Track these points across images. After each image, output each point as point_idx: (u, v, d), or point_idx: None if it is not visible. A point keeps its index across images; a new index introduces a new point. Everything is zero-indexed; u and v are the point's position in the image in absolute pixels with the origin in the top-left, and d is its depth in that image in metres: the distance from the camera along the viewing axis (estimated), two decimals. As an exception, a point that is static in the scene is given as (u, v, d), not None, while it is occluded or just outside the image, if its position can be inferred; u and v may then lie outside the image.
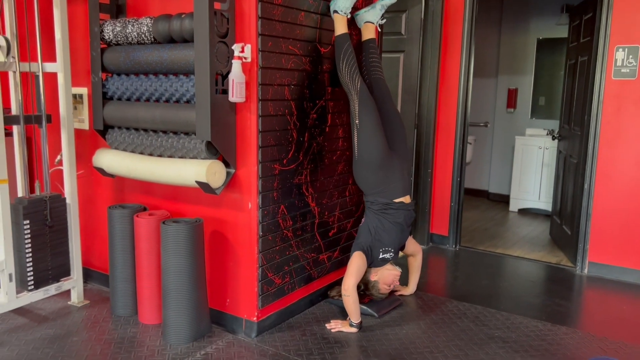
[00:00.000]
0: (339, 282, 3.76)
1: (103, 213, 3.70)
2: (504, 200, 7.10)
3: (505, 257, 4.83)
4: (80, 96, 3.72)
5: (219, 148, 2.88)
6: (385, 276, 3.45)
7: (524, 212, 6.63)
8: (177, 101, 3.04)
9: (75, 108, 3.78)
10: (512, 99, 6.99)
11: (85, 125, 3.74)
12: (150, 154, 3.21)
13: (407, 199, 3.39)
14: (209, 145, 2.95)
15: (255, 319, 3.10)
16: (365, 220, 3.41)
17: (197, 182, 2.91)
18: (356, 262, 3.25)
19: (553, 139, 5.44)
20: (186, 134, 3.05)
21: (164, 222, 3.01)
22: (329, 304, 3.62)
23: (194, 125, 2.91)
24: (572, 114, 4.89)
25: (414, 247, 3.76)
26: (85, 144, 3.73)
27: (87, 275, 3.91)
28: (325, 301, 3.65)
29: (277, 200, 3.10)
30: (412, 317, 3.45)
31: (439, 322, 3.39)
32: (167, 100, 3.08)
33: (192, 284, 2.99)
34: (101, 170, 3.39)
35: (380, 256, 3.37)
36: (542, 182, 6.46)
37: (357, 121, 3.24)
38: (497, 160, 7.22)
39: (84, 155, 3.73)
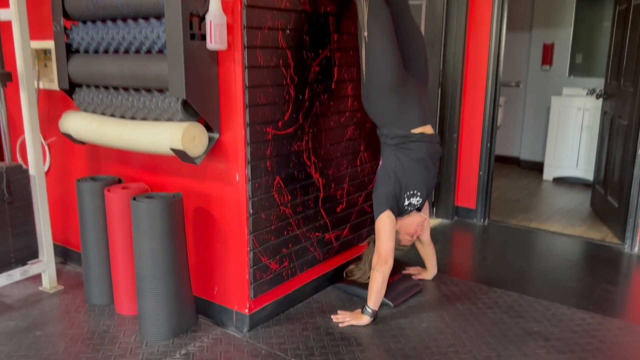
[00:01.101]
0: (347, 265, 3.25)
1: (78, 186, 3.23)
2: (537, 168, 6.47)
3: (540, 232, 4.26)
4: (50, 52, 3.22)
5: (197, 108, 2.36)
6: (408, 224, 2.90)
7: (559, 181, 6.00)
8: (149, 51, 2.51)
9: (45, 65, 3.29)
10: (547, 55, 6.28)
11: (56, 86, 3.23)
12: (122, 116, 2.70)
13: (428, 129, 2.81)
14: (187, 104, 2.42)
15: (246, 311, 2.62)
16: (382, 163, 2.84)
17: (172, 149, 2.41)
18: (387, 226, 2.73)
19: (597, 98, 4.78)
20: (160, 91, 2.53)
21: (134, 198, 2.52)
22: (337, 289, 3.13)
23: (167, 80, 2.38)
24: (622, 68, 4.22)
25: (426, 233, 3.19)
26: (57, 107, 3.24)
27: (66, 255, 3.48)
28: (332, 287, 3.16)
29: (271, 171, 2.58)
30: (433, 307, 2.94)
31: (466, 314, 2.87)
32: (137, 51, 2.55)
33: (170, 270, 2.52)
34: (69, 137, 2.91)
35: (406, 202, 2.82)
36: (581, 148, 5.81)
37: (365, 34, 2.65)
38: (530, 124, 6.56)
39: (56, 119, 3.24)
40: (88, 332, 2.63)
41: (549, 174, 6.07)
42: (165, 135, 2.42)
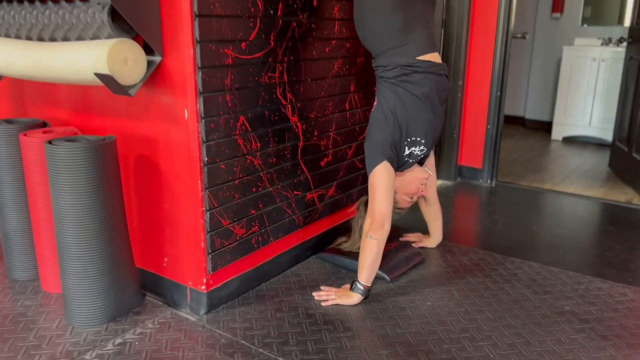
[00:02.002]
0: (336, 232, 2.68)
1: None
2: (543, 127, 5.91)
3: (556, 194, 3.71)
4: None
5: (128, 17, 1.74)
6: (408, 182, 2.32)
7: (570, 140, 5.44)
8: (66, -55, 1.88)
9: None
10: (558, 1, 5.63)
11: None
12: (40, 38, 2.08)
13: (436, 57, 2.21)
14: (116, 15, 1.80)
15: (203, 287, 2.05)
16: (377, 102, 2.24)
17: (96, 74, 1.79)
18: (382, 181, 2.14)
19: (620, 43, 4.18)
20: (85, 0, 1.90)
21: (50, 142, 1.91)
22: (321, 260, 2.56)
23: (88, -19, 1.76)
24: (654, 3, 3.62)
25: (431, 187, 2.61)
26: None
27: (-6, 221, 2.87)
28: (315, 257, 2.59)
29: (232, 107, 1.98)
30: (439, 281, 2.39)
31: (480, 289, 2.32)
32: (52, -53, 1.92)
33: (102, 236, 1.93)
34: (-22, 69, 2.28)
35: (406, 152, 2.23)
36: (595, 104, 5.23)
37: None
38: (537, 80, 5.96)
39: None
40: (0, 315, 2.05)
41: (558, 133, 5.50)
42: (88, 56, 1.80)
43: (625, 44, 5.12)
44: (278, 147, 2.23)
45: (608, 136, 5.11)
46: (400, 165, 2.26)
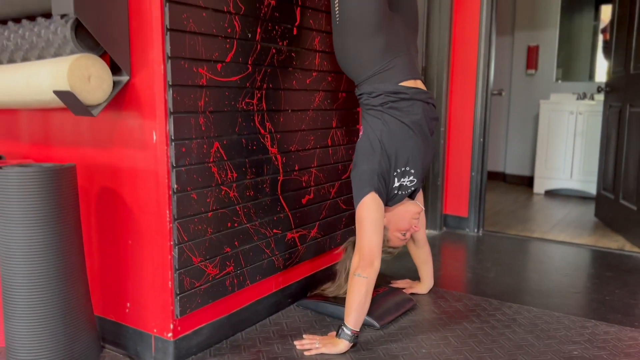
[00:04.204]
0: (319, 278, 2.47)
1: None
2: (524, 182, 5.87)
3: (546, 242, 3.57)
4: None
5: (93, 29, 1.60)
6: (399, 217, 2.14)
7: (552, 194, 5.38)
8: (30, -39, 1.76)
9: None
10: (532, 58, 5.75)
11: None
12: (-3, 62, 1.92)
13: (420, 85, 2.10)
14: (82, 30, 1.67)
15: (170, 335, 1.80)
16: (363, 132, 2.09)
17: (55, 92, 1.62)
18: (371, 214, 1.96)
19: (599, 92, 4.20)
20: (47, 17, 1.77)
21: (0, 168, 1.71)
22: (302, 308, 2.33)
23: (50, -5, 1.63)
24: (630, 51, 3.65)
25: (421, 227, 2.45)
26: None
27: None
28: (297, 304, 2.36)
29: (206, 131, 1.82)
30: (433, 327, 2.17)
31: (478, 334, 2.10)
32: (15, -36, 1.80)
33: (56, 277, 1.70)
34: None
35: (396, 183, 2.06)
36: (575, 156, 5.22)
37: None
38: (515, 135, 5.97)
39: None
40: None
41: (540, 186, 5.44)
42: (47, 73, 1.65)
43: (599, 96, 5.20)
44: (256, 179, 2.05)
45: (590, 188, 5.07)
46: (390, 198, 2.09)
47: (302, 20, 2.21)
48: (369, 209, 1.97)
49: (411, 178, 2.08)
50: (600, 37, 5.56)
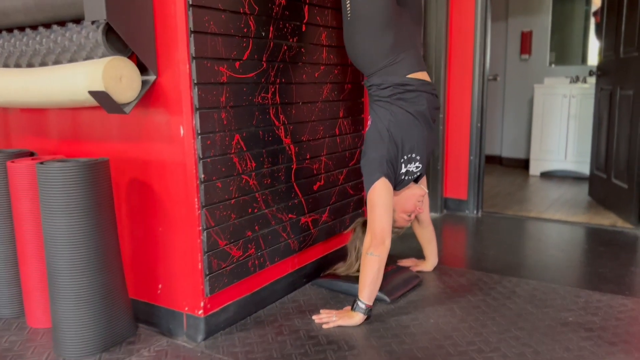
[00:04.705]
0: (331, 259, 2.64)
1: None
2: (520, 165, 6.03)
3: (542, 221, 3.74)
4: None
5: (123, 33, 1.75)
6: (405, 199, 2.32)
7: (548, 175, 5.55)
8: (60, -29, 1.90)
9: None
10: (526, 43, 5.90)
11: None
12: (30, 64, 2.07)
13: (426, 76, 2.26)
14: (112, 34, 1.81)
15: (201, 312, 1.97)
16: (371, 122, 2.26)
17: (90, 92, 1.78)
18: (382, 197, 2.13)
19: (590, 75, 4.36)
20: (77, 22, 1.92)
21: (42, 163, 1.87)
22: (317, 287, 2.50)
23: (82, 3, 1.78)
24: (620, 36, 3.80)
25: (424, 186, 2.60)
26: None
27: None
28: (312, 283, 2.53)
29: (227, 125, 1.97)
30: (439, 300, 2.35)
31: (481, 306, 2.28)
32: (46, -26, 1.94)
33: (96, 262, 1.86)
34: (-36, 100, 2.24)
35: (403, 169, 2.23)
36: (569, 139, 5.38)
37: None
38: (511, 119, 6.13)
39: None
40: (-17, 352, 1.93)
41: (535, 168, 5.61)
42: (82, 75, 1.79)
43: (592, 79, 5.36)
44: (272, 168, 2.21)
45: (584, 169, 5.24)
46: (397, 183, 2.26)
47: (309, 17, 2.36)
48: (380, 193, 2.13)
49: (417, 164, 2.24)
50: (592, 21, 5.70)
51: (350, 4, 2.15)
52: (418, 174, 2.29)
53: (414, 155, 2.22)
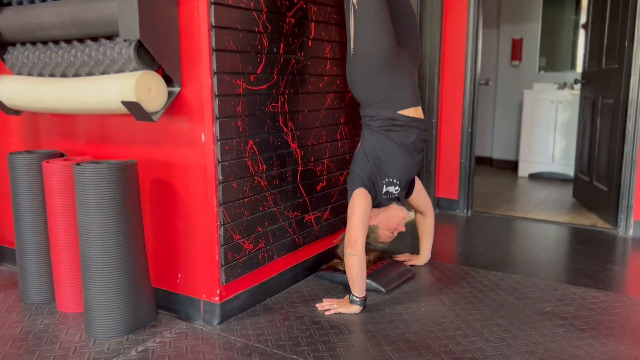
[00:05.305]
0: (331, 253, 2.88)
1: (13, 169, 2.75)
2: (509, 166, 6.29)
3: (528, 221, 4.00)
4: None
5: (154, 50, 1.97)
6: (389, 219, 2.59)
7: (535, 177, 5.82)
8: (95, -8, 2.12)
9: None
10: (517, 50, 6.15)
11: (-14, 54, 2.79)
12: (64, 75, 2.29)
13: (418, 112, 2.52)
14: (142, 50, 2.04)
15: (217, 299, 2.20)
16: (360, 144, 2.52)
17: (123, 102, 2.00)
18: (360, 205, 2.37)
19: (575, 83, 4.62)
20: (109, 38, 2.14)
21: (78, 164, 2.09)
22: (319, 279, 2.74)
23: (116, 22, 2.00)
24: (602, 48, 4.06)
25: (424, 200, 2.87)
26: (-12, 79, 2.78)
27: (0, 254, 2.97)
28: (314, 276, 2.77)
29: (242, 132, 2.21)
30: (430, 292, 2.59)
31: (468, 296, 2.53)
32: (81, -6, 2.16)
33: (124, 252, 2.09)
34: (0, 105, 2.46)
35: (384, 190, 2.49)
36: (556, 142, 5.65)
37: (354, 0, 2.35)
38: (501, 122, 6.39)
39: (-14, 93, 2.79)
40: (22, 332, 2.15)
41: (524, 170, 5.88)
42: (115, 86, 2.02)
43: (578, 86, 5.62)
44: (281, 170, 2.45)
45: (569, 171, 5.50)
46: (379, 202, 2.52)
47: (315, 33, 2.59)
48: (358, 201, 2.39)
49: (396, 187, 2.51)
50: (582, 32, 5.95)
51: (354, 42, 2.39)
52: (397, 195, 2.55)
53: (394, 180, 2.48)
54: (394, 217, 2.60)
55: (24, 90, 2.32)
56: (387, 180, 2.47)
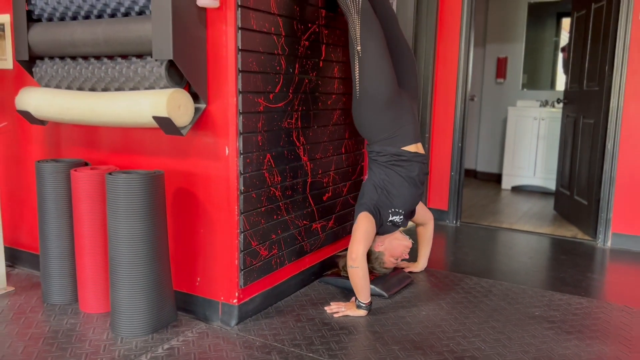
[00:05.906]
0: (334, 260, 3.06)
1: (33, 176, 2.88)
2: (493, 179, 6.56)
3: (514, 232, 4.24)
4: (3, 27, 2.91)
5: (184, 71, 2.14)
6: (394, 247, 2.79)
7: (518, 189, 6.09)
8: (127, 14, 2.28)
9: (-4, 45, 2.96)
10: (501, 68, 6.44)
11: (10, 64, 2.92)
12: (92, 89, 2.43)
13: (419, 148, 2.74)
14: (171, 69, 2.20)
15: (235, 301, 2.36)
16: (368, 176, 2.73)
17: (154, 117, 2.16)
18: (363, 225, 2.57)
19: (558, 102, 4.89)
20: (140, 57, 2.30)
21: (110, 174, 2.24)
22: (324, 283, 2.91)
23: (149, 43, 2.16)
24: (584, 71, 4.33)
25: (424, 214, 3.10)
26: (10, 88, 2.91)
27: (15, 258, 3.08)
28: (319, 281, 2.94)
29: (262, 146, 2.38)
30: (429, 297, 2.79)
31: (464, 302, 2.73)
32: (112, 15, 2.32)
33: (151, 257, 2.24)
34: (27, 115, 2.59)
35: (390, 218, 2.69)
36: (538, 157, 5.93)
37: (358, 48, 2.54)
38: (486, 136, 6.67)
39: (7, 102, 2.92)
40: (50, 331, 2.28)
41: (507, 183, 6.14)
42: (147, 102, 2.18)
43: (560, 105, 5.92)
44: (293, 181, 2.62)
45: (550, 185, 5.78)
46: (385, 230, 2.73)
47: (326, 55, 2.78)
48: (362, 222, 2.59)
49: (400, 217, 2.72)
50: (560, 55, 6.27)
51: (359, 85, 2.59)
52: (400, 224, 2.76)
53: (399, 210, 2.69)
54: (398, 246, 2.81)
55: (54, 101, 2.45)
56: (393, 210, 2.68)
